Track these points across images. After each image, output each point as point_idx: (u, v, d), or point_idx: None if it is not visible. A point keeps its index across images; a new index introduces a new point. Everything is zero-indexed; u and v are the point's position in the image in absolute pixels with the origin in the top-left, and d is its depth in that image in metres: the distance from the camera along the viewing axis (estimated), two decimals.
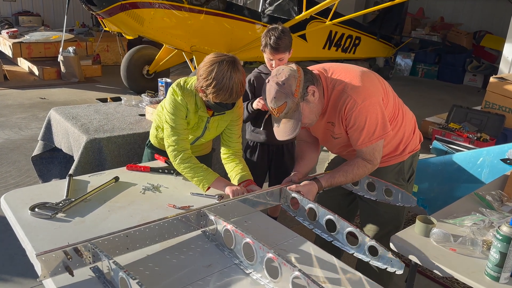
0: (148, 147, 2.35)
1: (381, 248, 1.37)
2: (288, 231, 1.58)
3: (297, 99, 1.64)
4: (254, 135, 2.59)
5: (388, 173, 1.94)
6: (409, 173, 2.03)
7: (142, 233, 1.37)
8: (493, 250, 1.32)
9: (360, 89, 1.70)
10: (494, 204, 1.81)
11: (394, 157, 1.94)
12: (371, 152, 1.75)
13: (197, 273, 1.29)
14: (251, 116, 2.47)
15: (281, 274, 1.19)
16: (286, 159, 2.65)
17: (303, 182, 1.77)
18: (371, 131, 1.71)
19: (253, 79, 2.51)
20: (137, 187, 1.86)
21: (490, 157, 3.06)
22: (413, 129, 1.98)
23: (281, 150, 2.63)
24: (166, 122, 1.94)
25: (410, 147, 1.97)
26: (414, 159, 2.04)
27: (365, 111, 1.68)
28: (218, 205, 1.55)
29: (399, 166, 1.96)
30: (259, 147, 2.61)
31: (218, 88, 1.77)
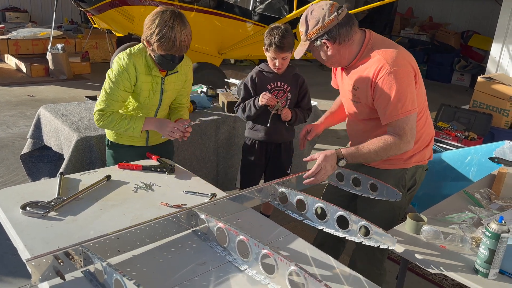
0: (110, 148, 2.26)
1: (372, 226, 1.39)
2: (280, 229, 1.59)
3: (308, 38, 1.79)
4: (253, 133, 2.60)
5: (389, 177, 1.91)
6: (411, 183, 1.98)
7: (133, 234, 1.36)
8: (482, 247, 1.35)
9: (395, 57, 1.72)
10: (483, 201, 1.84)
11: (399, 162, 1.90)
12: (400, 125, 1.71)
13: (192, 271, 1.29)
14: (258, 112, 2.46)
15: (277, 270, 1.20)
16: (283, 158, 2.66)
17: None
18: (401, 101, 1.69)
19: (255, 76, 2.52)
20: (130, 186, 1.86)
21: (478, 156, 3.11)
22: (428, 142, 1.96)
23: (278, 148, 2.64)
24: (104, 89, 2.02)
25: (418, 157, 1.93)
26: (418, 171, 1.98)
27: (396, 78, 1.68)
28: (208, 204, 1.56)
29: (401, 173, 1.92)
30: (257, 145, 2.62)
31: (161, 36, 1.87)
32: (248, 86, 2.55)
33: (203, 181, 1.96)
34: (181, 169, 2.08)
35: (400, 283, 1.63)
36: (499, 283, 1.33)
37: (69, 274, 1.23)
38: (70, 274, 1.24)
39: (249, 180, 2.65)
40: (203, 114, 3.11)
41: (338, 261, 1.40)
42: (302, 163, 3.70)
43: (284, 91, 2.53)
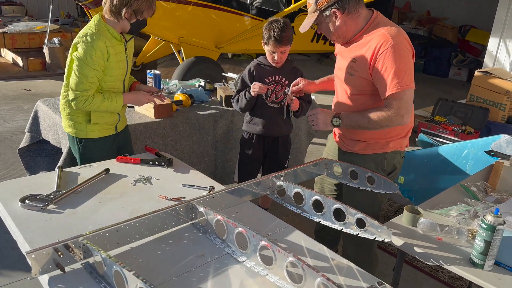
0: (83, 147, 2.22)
1: (368, 219, 1.41)
2: (278, 221, 1.60)
3: (317, 9, 1.86)
4: (250, 126, 2.60)
5: (370, 161, 2.00)
6: (390, 168, 2.05)
7: (132, 227, 1.37)
8: (478, 239, 1.36)
9: (398, 34, 1.81)
10: (479, 194, 1.86)
11: (378, 147, 1.99)
12: (397, 99, 1.77)
13: (191, 263, 1.31)
14: (249, 103, 2.47)
15: (275, 261, 1.21)
16: (281, 151, 2.67)
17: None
18: (401, 75, 1.76)
19: (253, 69, 2.52)
20: (128, 179, 1.86)
21: (475, 149, 3.13)
22: (407, 131, 2.04)
23: (276, 142, 2.64)
24: (78, 73, 2.04)
25: (396, 143, 2.01)
26: (397, 157, 2.05)
27: (399, 53, 1.76)
28: (207, 197, 1.56)
29: (381, 157, 2.01)
30: (255, 138, 2.62)
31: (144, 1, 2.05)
32: (245, 79, 2.55)
33: (202, 175, 1.97)
34: (179, 162, 2.09)
35: (397, 274, 1.65)
36: (495, 274, 1.35)
37: (69, 266, 1.24)
38: (69, 266, 1.24)
39: (247, 174, 2.66)
40: (201, 108, 3.11)
41: (334, 252, 1.41)
42: (299, 157, 3.71)
43: (282, 84, 2.53)
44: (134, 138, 2.67)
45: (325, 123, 1.95)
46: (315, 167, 1.98)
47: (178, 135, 2.86)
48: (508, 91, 4.85)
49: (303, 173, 1.93)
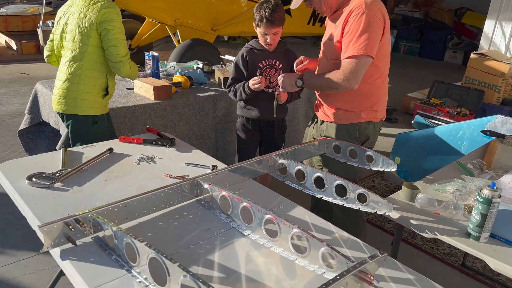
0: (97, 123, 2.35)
1: (369, 193, 1.45)
2: (281, 198, 1.64)
3: None
4: (245, 111, 2.58)
5: (344, 131, 2.14)
6: (363, 138, 2.18)
7: (139, 203, 1.40)
8: (475, 212, 1.41)
9: (372, 3, 1.91)
10: (475, 171, 1.91)
11: (351, 117, 2.12)
12: (349, 64, 1.92)
13: (198, 236, 1.35)
14: (250, 96, 2.45)
15: (280, 233, 1.25)
16: (277, 135, 2.66)
17: None
18: (361, 40, 1.88)
19: (245, 55, 2.48)
20: (132, 158, 1.89)
21: (470, 130, 3.18)
22: (380, 104, 2.15)
23: (272, 126, 2.62)
24: (118, 39, 2.25)
25: (368, 114, 2.14)
26: (370, 127, 2.17)
27: (367, 19, 1.88)
28: (211, 175, 1.60)
29: (353, 127, 2.14)
30: (251, 123, 2.60)
31: None
32: (239, 65, 2.49)
33: (204, 154, 2.00)
34: (181, 142, 2.12)
35: (395, 248, 1.71)
36: (490, 246, 1.40)
37: (79, 240, 1.28)
38: (80, 240, 1.28)
39: (243, 157, 2.66)
40: (200, 90, 3.12)
41: (337, 227, 1.46)
42: (297, 139, 3.75)
43: (276, 68, 2.49)
44: (135, 119, 2.69)
45: (291, 85, 2.17)
46: (315, 146, 2.02)
47: (177, 116, 2.88)
48: (503, 73, 4.89)
49: (303, 152, 1.97)
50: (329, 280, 0.99)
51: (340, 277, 1.00)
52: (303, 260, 1.23)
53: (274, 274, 1.20)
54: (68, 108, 2.33)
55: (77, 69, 2.28)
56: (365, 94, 2.06)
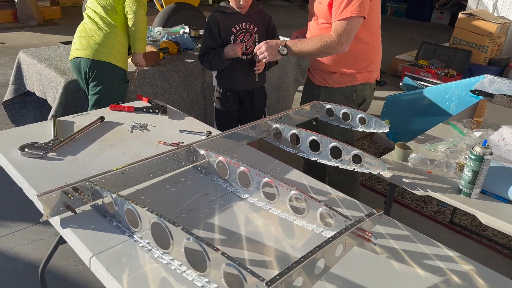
0: (126, 82, 2.49)
1: (364, 154, 1.48)
2: (277, 162, 1.66)
3: None
4: (222, 82, 2.47)
5: (340, 95, 2.15)
6: (360, 100, 2.20)
7: (137, 170, 1.40)
8: (467, 169, 1.45)
9: None
10: (465, 130, 1.94)
11: (347, 80, 2.12)
12: (341, 26, 1.90)
13: (197, 201, 1.36)
14: (224, 66, 2.34)
15: (278, 196, 1.27)
16: (256, 105, 2.57)
17: None
18: (354, 1, 1.85)
19: (217, 19, 2.32)
20: (124, 126, 1.87)
21: (459, 90, 3.21)
22: (374, 64, 2.15)
23: (250, 95, 2.53)
24: None
25: (364, 75, 2.14)
26: (366, 88, 2.18)
27: None
28: (206, 141, 1.59)
29: (350, 90, 2.15)
30: (228, 94, 2.50)
31: None
32: (212, 31, 2.34)
33: (197, 121, 1.99)
34: (173, 110, 2.10)
35: (388, 207, 1.75)
36: (481, 201, 1.45)
37: (78, 208, 1.28)
38: (79, 208, 1.28)
39: (224, 130, 2.62)
40: (187, 56, 3.06)
41: (334, 189, 1.48)
42: (287, 104, 3.74)
43: (251, 32, 2.36)
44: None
45: (273, 54, 2.09)
46: (308, 110, 2.02)
47: (167, 83, 2.84)
48: (490, 33, 4.89)
49: (297, 116, 1.97)
50: (328, 238, 1.01)
51: (339, 234, 1.03)
52: (301, 220, 1.26)
53: (273, 234, 1.23)
54: (101, 55, 2.38)
55: (111, 23, 2.40)
56: (359, 55, 2.06)
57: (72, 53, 2.42)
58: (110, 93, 2.44)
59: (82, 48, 2.38)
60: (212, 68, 2.42)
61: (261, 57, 2.13)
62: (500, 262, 2.35)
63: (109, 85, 2.43)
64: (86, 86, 2.45)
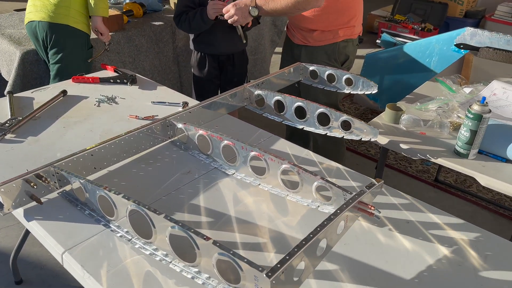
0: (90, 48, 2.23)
1: (354, 120, 1.38)
2: (260, 131, 1.53)
3: None
4: (200, 45, 2.29)
5: (322, 53, 2.05)
6: (343, 58, 2.10)
7: (107, 150, 1.25)
8: (464, 129, 1.36)
9: None
10: (454, 87, 1.86)
11: (328, 38, 2.01)
12: None
13: (178, 181, 1.23)
14: (207, 26, 2.14)
15: (269, 170, 1.16)
16: (238, 69, 2.41)
17: None
18: None
19: None
20: (90, 100, 1.70)
21: (439, 45, 3.12)
22: (356, 19, 2.05)
23: (231, 60, 2.36)
24: None
25: (346, 31, 2.03)
26: (349, 45, 2.08)
27: None
28: (184, 113, 1.45)
29: (332, 48, 2.04)
30: (208, 59, 2.33)
31: None
32: None
33: (171, 90, 1.83)
34: (143, 79, 1.92)
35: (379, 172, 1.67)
36: (479, 162, 1.38)
37: (45, 197, 1.14)
38: (46, 197, 1.14)
39: (203, 99, 2.45)
40: (154, 18, 2.84)
41: (321, 156, 1.38)
42: (265, 67, 3.58)
43: None
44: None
45: (244, 16, 1.92)
46: (290, 73, 1.88)
47: (135, 50, 2.63)
48: None
49: (279, 80, 1.83)
50: (329, 215, 0.91)
51: (340, 210, 0.93)
52: (295, 196, 1.16)
53: (265, 212, 1.12)
54: (58, 17, 2.12)
55: None
56: (341, 9, 1.92)
57: (27, 17, 2.17)
58: (73, 61, 2.22)
59: (36, 11, 2.13)
60: (192, 30, 2.22)
61: (230, 21, 1.94)
62: (486, 218, 2.36)
63: (71, 51, 2.21)
64: (46, 55, 2.22)
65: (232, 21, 1.94)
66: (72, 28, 2.16)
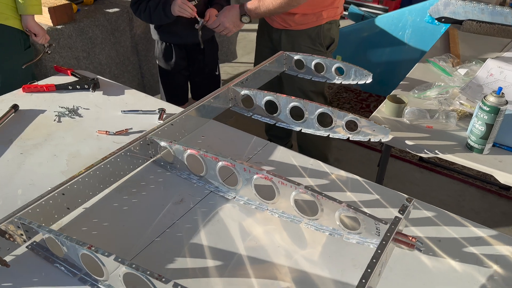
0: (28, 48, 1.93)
1: (360, 119, 1.24)
2: (255, 139, 1.36)
3: None
4: (164, 35, 2.06)
5: (306, 37, 1.92)
6: (328, 41, 1.99)
7: (81, 184, 1.03)
8: (478, 123, 1.25)
9: None
10: (448, 69, 1.74)
11: (312, 20, 1.88)
12: None
13: (171, 214, 1.04)
14: (169, 21, 1.93)
15: (279, 194, 0.99)
16: (208, 58, 2.20)
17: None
18: None
19: None
20: (48, 115, 1.45)
21: (412, 17, 3.02)
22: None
23: (200, 49, 2.13)
24: None
25: (329, 12, 1.90)
26: (333, 27, 1.98)
27: None
28: (165, 126, 1.24)
29: (316, 31, 1.92)
30: (174, 49, 2.11)
31: None
32: None
33: (142, 94, 1.60)
34: (107, 82, 1.67)
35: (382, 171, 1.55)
36: (495, 157, 1.28)
37: (10, 254, 0.92)
38: (11, 254, 0.92)
39: (172, 93, 2.25)
40: (107, 5, 2.53)
41: (329, 165, 1.23)
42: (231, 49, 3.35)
43: None
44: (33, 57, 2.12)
45: (236, 25, 1.87)
46: (273, 64, 1.70)
47: (89, 43, 2.33)
48: None
49: (263, 73, 1.65)
50: (376, 252, 0.77)
51: (381, 250, 0.79)
52: (312, 222, 1.00)
53: (280, 245, 0.97)
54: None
55: None
56: None
57: None
58: (5, 66, 1.90)
59: None
60: (153, 21, 1.98)
61: (224, 32, 1.88)
62: (474, 196, 2.33)
63: (3, 53, 1.89)
64: None
65: (226, 32, 1.88)
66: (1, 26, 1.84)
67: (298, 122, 1.37)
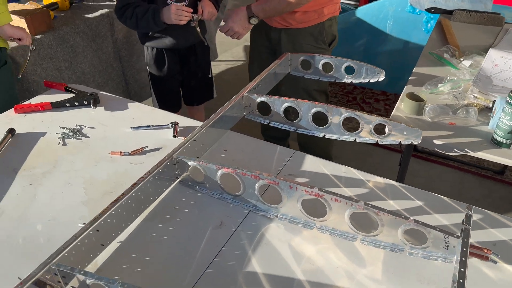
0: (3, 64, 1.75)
1: (389, 121, 1.20)
2: (279, 148, 1.30)
3: None
4: (154, 40, 1.95)
5: (308, 35, 1.88)
6: (330, 38, 1.95)
7: (114, 217, 0.95)
8: (506, 118, 1.24)
9: None
10: (453, 61, 1.74)
11: (313, 18, 1.85)
12: None
13: (214, 241, 0.97)
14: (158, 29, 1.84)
15: (331, 210, 0.94)
16: (201, 61, 2.12)
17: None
18: None
19: None
20: (50, 137, 1.33)
21: (393, 7, 3.02)
22: None
23: (193, 52, 2.06)
24: None
25: (330, 8, 1.88)
26: (333, 23, 1.94)
27: None
28: (189, 144, 1.16)
29: (318, 28, 1.88)
30: (166, 54, 2.01)
31: None
32: None
33: (148, 107, 1.50)
34: (107, 96, 1.55)
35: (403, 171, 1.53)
36: None
37: None
38: None
39: (166, 100, 2.14)
40: (86, 10, 2.37)
41: (363, 172, 1.19)
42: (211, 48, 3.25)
43: None
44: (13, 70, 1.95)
45: (245, 28, 1.82)
46: (279, 67, 1.64)
47: (70, 51, 2.18)
48: None
49: (271, 77, 1.58)
50: (459, 269, 0.74)
51: (463, 267, 0.75)
52: (369, 238, 0.96)
53: (338, 266, 0.92)
54: None
55: None
56: None
57: None
58: None
59: None
60: (139, 28, 1.87)
61: (234, 37, 1.84)
62: (472, 183, 2.37)
63: None
64: None
65: (236, 36, 1.83)
66: None
67: (321, 127, 1.32)
